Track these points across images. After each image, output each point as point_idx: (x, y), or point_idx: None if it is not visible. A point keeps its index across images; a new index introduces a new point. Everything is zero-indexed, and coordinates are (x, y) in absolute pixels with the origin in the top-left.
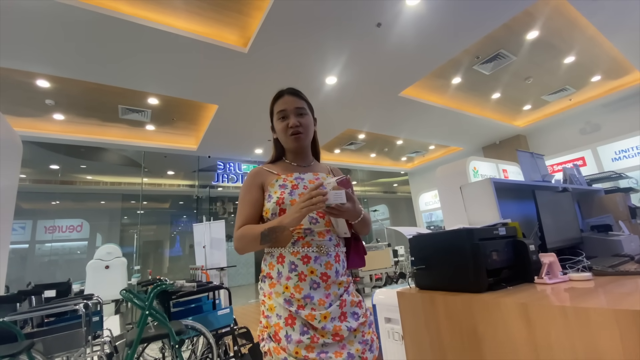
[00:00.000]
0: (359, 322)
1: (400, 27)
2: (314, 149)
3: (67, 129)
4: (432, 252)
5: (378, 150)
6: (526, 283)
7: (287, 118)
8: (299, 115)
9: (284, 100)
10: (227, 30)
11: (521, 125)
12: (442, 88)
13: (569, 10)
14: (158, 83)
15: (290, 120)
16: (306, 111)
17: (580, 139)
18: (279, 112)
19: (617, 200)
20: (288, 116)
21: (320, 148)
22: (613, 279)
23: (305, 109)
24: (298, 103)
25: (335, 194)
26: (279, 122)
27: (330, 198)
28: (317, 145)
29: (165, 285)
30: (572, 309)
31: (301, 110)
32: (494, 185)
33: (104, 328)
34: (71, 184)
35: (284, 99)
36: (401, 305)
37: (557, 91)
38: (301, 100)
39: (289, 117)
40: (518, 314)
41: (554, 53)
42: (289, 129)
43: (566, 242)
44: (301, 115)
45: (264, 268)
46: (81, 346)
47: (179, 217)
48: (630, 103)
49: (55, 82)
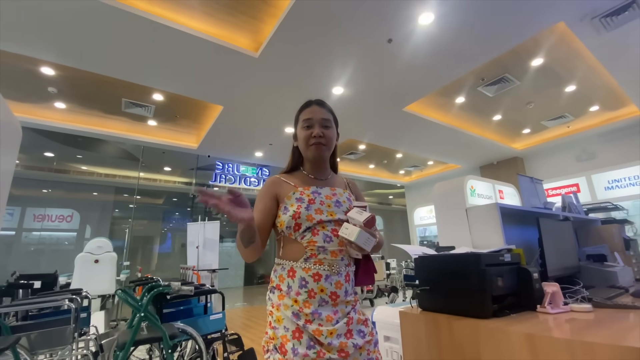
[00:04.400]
0: (365, 340)
1: (411, 45)
2: (332, 162)
3: (67, 117)
4: (438, 274)
5: (377, 161)
6: (529, 311)
7: (311, 127)
8: (323, 126)
9: (311, 109)
10: (240, 33)
11: (519, 147)
12: (446, 106)
13: (574, 41)
14: (165, 80)
15: (314, 130)
16: (331, 124)
17: (576, 165)
18: (304, 120)
19: (613, 231)
20: (313, 125)
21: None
22: (612, 312)
23: (330, 122)
24: (325, 114)
25: (365, 238)
26: (303, 130)
27: (360, 239)
28: (336, 159)
29: (162, 288)
30: (578, 343)
31: (327, 122)
32: (500, 210)
33: (90, 325)
34: (64, 173)
35: (312, 109)
36: (403, 325)
37: (557, 117)
38: (328, 112)
39: (313, 127)
40: (525, 344)
41: (556, 81)
42: (311, 138)
43: (566, 271)
44: (326, 127)
45: (273, 279)
46: (68, 343)
47: (172, 214)
48: (625, 135)
49: (60, 70)
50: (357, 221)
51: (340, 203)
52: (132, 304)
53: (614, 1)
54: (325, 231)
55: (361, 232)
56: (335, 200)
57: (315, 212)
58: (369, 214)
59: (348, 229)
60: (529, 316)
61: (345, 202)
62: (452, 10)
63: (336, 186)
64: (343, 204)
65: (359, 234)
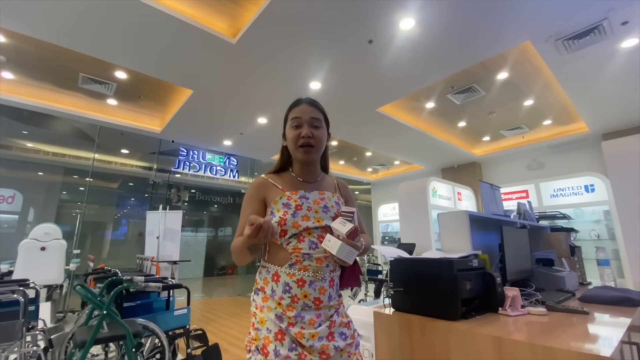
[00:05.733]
0: (346, 343)
1: (390, 47)
2: (323, 163)
3: (15, 89)
4: (412, 277)
5: (347, 158)
6: (491, 312)
7: (300, 127)
8: (313, 126)
9: (301, 108)
10: (217, 17)
11: (478, 153)
12: (416, 110)
13: (537, 59)
14: (131, 57)
15: (303, 130)
16: (321, 124)
17: (527, 173)
18: (293, 118)
19: (560, 239)
20: (302, 125)
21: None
22: (564, 316)
23: (320, 121)
24: (314, 114)
25: (347, 251)
26: (291, 129)
27: (341, 252)
28: (327, 159)
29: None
30: (541, 347)
31: (316, 122)
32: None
33: (39, 318)
34: (7, 149)
35: (301, 107)
36: (376, 325)
37: (514, 128)
38: (318, 111)
39: (302, 127)
40: (492, 346)
41: (517, 94)
42: (300, 138)
43: (521, 275)
44: (315, 128)
45: (258, 281)
46: (17, 339)
47: (127, 199)
48: (572, 148)
49: (10, 37)
50: (340, 232)
51: (328, 208)
52: (94, 301)
53: (577, 25)
54: (312, 237)
55: (342, 246)
56: (323, 205)
57: (302, 219)
58: (352, 225)
59: (330, 242)
60: (492, 318)
61: (333, 206)
62: (432, 18)
63: (325, 189)
64: (331, 209)
65: (340, 247)
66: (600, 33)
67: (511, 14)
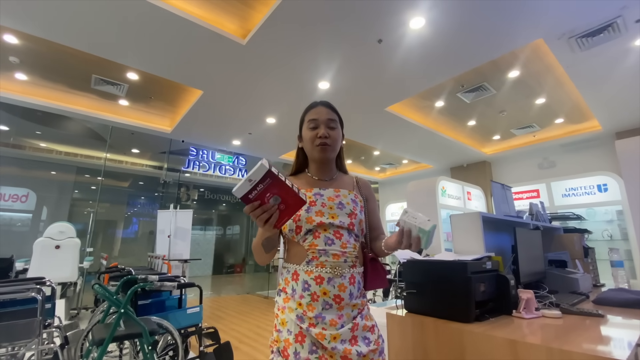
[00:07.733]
0: (370, 349)
1: (400, 47)
2: (339, 163)
3: (28, 90)
4: (425, 279)
5: (355, 157)
6: (505, 315)
7: (317, 128)
8: (329, 127)
9: (317, 110)
10: (228, 18)
11: (488, 152)
12: (426, 109)
13: (549, 57)
14: (142, 59)
15: (320, 130)
16: (337, 125)
17: (538, 172)
18: (310, 120)
19: (574, 240)
20: (318, 126)
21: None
22: (579, 319)
23: (336, 122)
24: (330, 115)
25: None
26: (308, 130)
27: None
28: (343, 159)
29: (143, 284)
30: (558, 351)
31: (332, 123)
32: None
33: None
34: (21, 149)
35: (317, 109)
36: (389, 327)
37: (525, 127)
38: (334, 113)
39: (319, 127)
40: (507, 349)
41: (528, 92)
42: (317, 138)
43: (534, 277)
44: (331, 128)
45: (280, 282)
46: (35, 337)
47: (137, 198)
48: (584, 147)
49: (24, 39)
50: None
51: (344, 205)
52: (111, 299)
53: (591, 23)
54: (327, 234)
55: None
56: (338, 202)
57: (316, 214)
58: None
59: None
60: (506, 321)
61: (349, 203)
62: (442, 17)
63: (342, 187)
64: (347, 206)
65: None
66: (614, 31)
67: (524, 11)
